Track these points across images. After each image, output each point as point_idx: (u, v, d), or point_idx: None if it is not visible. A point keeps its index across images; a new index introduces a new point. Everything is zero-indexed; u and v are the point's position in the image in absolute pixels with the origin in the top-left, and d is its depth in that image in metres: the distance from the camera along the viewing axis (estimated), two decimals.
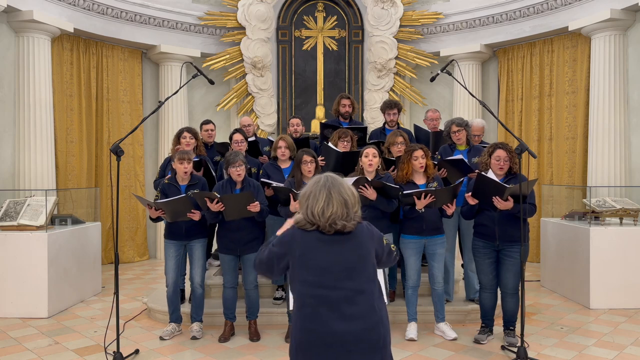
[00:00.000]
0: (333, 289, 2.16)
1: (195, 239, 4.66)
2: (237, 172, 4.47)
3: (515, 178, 4.23)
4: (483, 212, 4.35)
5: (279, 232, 2.35)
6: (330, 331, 2.11)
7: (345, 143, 5.02)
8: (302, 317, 2.18)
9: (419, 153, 4.50)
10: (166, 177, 5.03)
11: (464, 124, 5.08)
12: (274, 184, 4.59)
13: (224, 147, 5.64)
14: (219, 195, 4.32)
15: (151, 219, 4.62)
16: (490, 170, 4.31)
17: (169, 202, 4.40)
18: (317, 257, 2.19)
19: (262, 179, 4.79)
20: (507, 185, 4.10)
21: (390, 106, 5.72)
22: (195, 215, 4.46)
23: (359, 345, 2.12)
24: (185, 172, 4.58)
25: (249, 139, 5.47)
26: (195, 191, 4.51)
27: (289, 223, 2.35)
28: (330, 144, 5.02)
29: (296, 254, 2.21)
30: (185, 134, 5.08)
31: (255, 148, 5.54)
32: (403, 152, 4.78)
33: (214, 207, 4.34)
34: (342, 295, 2.15)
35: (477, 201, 4.27)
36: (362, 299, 2.16)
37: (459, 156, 4.86)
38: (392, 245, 2.43)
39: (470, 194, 4.26)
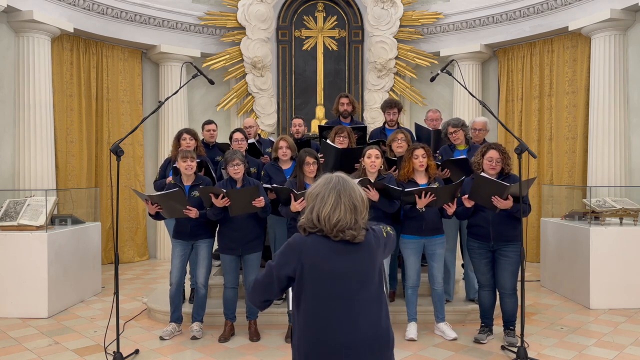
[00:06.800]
0: (347, 299, 2.07)
1: (201, 239, 4.65)
2: (235, 170, 4.47)
3: (508, 178, 4.24)
4: (477, 213, 4.35)
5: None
6: (343, 342, 2.05)
7: (342, 139, 5.01)
8: (313, 329, 2.08)
9: (419, 152, 4.49)
10: (168, 178, 5.02)
11: (459, 124, 5.08)
12: (274, 185, 4.58)
13: (226, 147, 5.64)
14: (224, 191, 4.30)
15: (150, 215, 4.60)
16: (482, 170, 4.31)
17: (163, 196, 4.37)
18: (331, 267, 2.07)
19: (262, 185, 4.76)
20: (508, 184, 4.10)
21: (390, 105, 5.71)
22: (192, 213, 4.43)
23: (370, 350, 2.07)
24: (187, 169, 4.56)
25: (250, 141, 5.46)
26: (200, 186, 4.49)
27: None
28: (328, 141, 5.02)
29: (306, 264, 2.08)
30: (185, 135, 5.08)
31: (255, 150, 5.54)
32: (403, 148, 4.77)
33: (220, 202, 4.31)
34: (357, 305, 2.07)
35: (473, 203, 4.26)
36: (375, 307, 2.10)
37: (463, 156, 4.85)
38: (388, 228, 2.28)
39: (466, 196, 4.26)
